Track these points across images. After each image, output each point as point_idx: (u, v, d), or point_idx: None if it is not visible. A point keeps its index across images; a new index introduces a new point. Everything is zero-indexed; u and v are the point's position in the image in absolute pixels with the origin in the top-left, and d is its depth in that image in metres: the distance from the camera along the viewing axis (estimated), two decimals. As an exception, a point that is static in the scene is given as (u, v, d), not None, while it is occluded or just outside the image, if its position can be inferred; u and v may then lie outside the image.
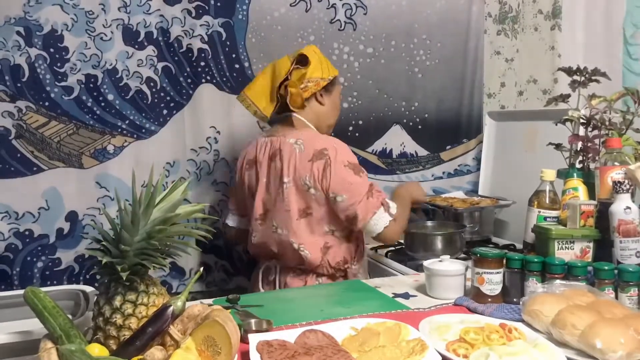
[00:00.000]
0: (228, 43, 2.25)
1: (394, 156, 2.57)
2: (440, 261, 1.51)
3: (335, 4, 2.39)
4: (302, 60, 1.83)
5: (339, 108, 2.00)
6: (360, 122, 2.48)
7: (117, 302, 1.02)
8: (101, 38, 2.09)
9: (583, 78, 1.72)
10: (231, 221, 2.08)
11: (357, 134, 2.49)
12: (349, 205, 1.73)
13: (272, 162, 1.82)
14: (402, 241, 2.20)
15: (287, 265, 1.86)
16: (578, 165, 1.70)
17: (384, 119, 2.53)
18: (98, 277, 1.06)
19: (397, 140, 2.56)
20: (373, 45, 2.47)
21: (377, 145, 2.54)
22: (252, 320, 1.24)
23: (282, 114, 1.90)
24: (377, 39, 2.47)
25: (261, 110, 1.87)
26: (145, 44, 2.15)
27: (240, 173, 1.97)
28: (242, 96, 1.91)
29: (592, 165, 1.67)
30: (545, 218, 1.54)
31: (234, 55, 2.26)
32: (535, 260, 1.36)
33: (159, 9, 2.15)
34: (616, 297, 1.28)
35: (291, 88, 1.82)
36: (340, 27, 2.41)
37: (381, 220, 1.75)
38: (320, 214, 1.78)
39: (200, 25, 2.20)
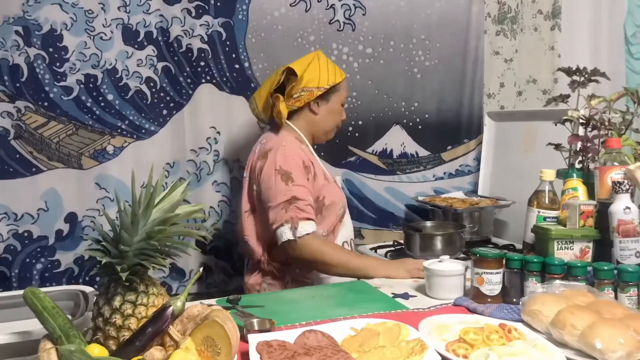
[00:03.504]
0: (228, 43, 2.25)
1: (395, 156, 2.57)
2: (440, 261, 1.51)
3: (334, 4, 2.39)
4: (292, 72, 1.87)
5: (340, 113, 2.00)
6: (360, 123, 2.49)
7: (117, 302, 1.02)
8: (101, 38, 2.09)
9: (582, 78, 1.72)
10: None
11: (357, 134, 2.49)
12: (266, 207, 1.79)
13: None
14: (401, 241, 2.21)
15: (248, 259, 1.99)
16: (577, 166, 1.70)
17: (383, 119, 2.53)
18: (98, 277, 1.06)
19: (397, 140, 2.56)
20: (372, 45, 2.47)
21: (377, 146, 2.54)
22: (255, 320, 1.24)
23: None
24: (376, 39, 2.47)
25: (260, 113, 1.99)
26: (145, 43, 2.15)
27: None
28: (251, 99, 2.02)
29: (591, 166, 1.67)
30: (544, 218, 1.54)
31: (234, 55, 2.26)
32: (535, 260, 1.36)
33: (158, 9, 2.15)
34: (616, 297, 1.28)
35: (279, 102, 1.86)
36: (340, 27, 2.42)
37: (282, 234, 1.74)
38: (264, 211, 1.83)
39: (200, 25, 2.20)
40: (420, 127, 2.58)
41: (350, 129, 2.48)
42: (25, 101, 2.03)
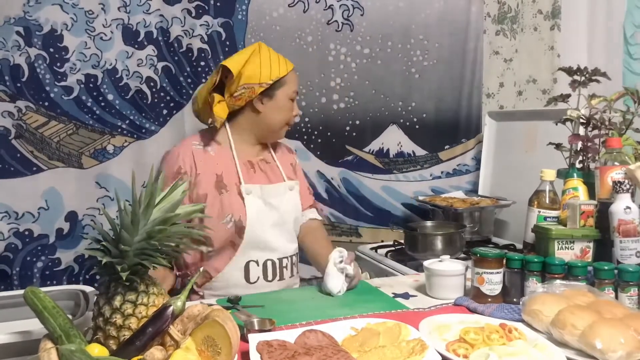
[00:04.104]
0: (228, 43, 2.25)
1: (391, 155, 2.57)
2: (440, 261, 1.51)
3: (332, 5, 2.39)
4: (227, 69, 1.69)
5: (289, 109, 1.77)
6: (357, 122, 2.49)
7: (117, 302, 1.02)
8: (101, 38, 2.09)
9: (583, 78, 1.72)
10: None
11: (354, 134, 2.49)
12: None
13: None
14: (402, 241, 2.21)
15: None
16: (578, 165, 1.70)
17: (380, 118, 2.53)
18: (98, 277, 1.06)
19: (394, 139, 2.57)
20: (370, 46, 2.47)
21: (374, 145, 2.54)
22: (255, 320, 1.24)
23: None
24: (374, 39, 2.47)
25: (201, 116, 1.84)
26: (145, 43, 2.15)
27: None
28: (194, 99, 1.84)
29: (592, 165, 1.67)
30: (545, 218, 1.53)
31: (233, 55, 2.26)
32: (535, 260, 1.36)
33: (158, 9, 2.15)
34: (616, 297, 1.28)
35: (214, 103, 1.70)
36: (338, 28, 2.42)
37: None
38: None
39: (200, 25, 2.20)
40: (417, 126, 2.59)
41: (348, 128, 2.48)
42: (26, 101, 2.03)
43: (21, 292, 1.06)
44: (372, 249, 2.30)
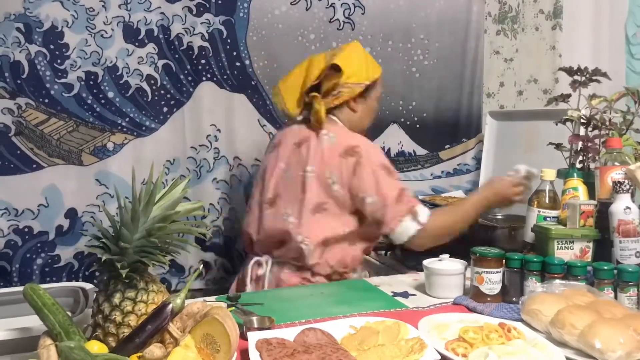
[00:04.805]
0: (229, 41, 2.25)
1: (392, 155, 2.57)
2: (440, 260, 1.51)
3: (334, 3, 2.39)
4: (336, 67, 1.72)
5: (375, 110, 1.88)
6: (359, 121, 2.48)
7: (117, 299, 1.02)
8: (102, 35, 2.09)
9: (583, 78, 1.72)
10: None
11: (355, 133, 2.49)
12: (377, 209, 1.68)
13: (298, 149, 1.76)
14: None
15: (283, 258, 1.76)
16: (578, 165, 1.70)
17: (381, 118, 2.51)
18: (97, 274, 1.06)
19: (394, 139, 2.57)
20: (371, 44, 2.47)
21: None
22: (254, 318, 1.24)
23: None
24: (375, 38, 2.47)
25: (288, 109, 1.79)
26: (146, 41, 2.15)
27: (263, 157, 1.95)
28: (276, 89, 1.84)
29: (592, 165, 1.67)
30: (545, 218, 1.54)
31: (234, 53, 2.26)
32: (535, 259, 1.36)
33: (159, 7, 2.15)
34: (615, 297, 1.28)
35: (317, 102, 1.71)
36: (339, 26, 2.42)
37: (407, 229, 1.67)
38: (336, 212, 1.71)
39: (201, 23, 2.20)
40: (418, 126, 2.59)
41: (349, 127, 2.48)
42: (26, 98, 2.03)
43: (20, 288, 1.06)
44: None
